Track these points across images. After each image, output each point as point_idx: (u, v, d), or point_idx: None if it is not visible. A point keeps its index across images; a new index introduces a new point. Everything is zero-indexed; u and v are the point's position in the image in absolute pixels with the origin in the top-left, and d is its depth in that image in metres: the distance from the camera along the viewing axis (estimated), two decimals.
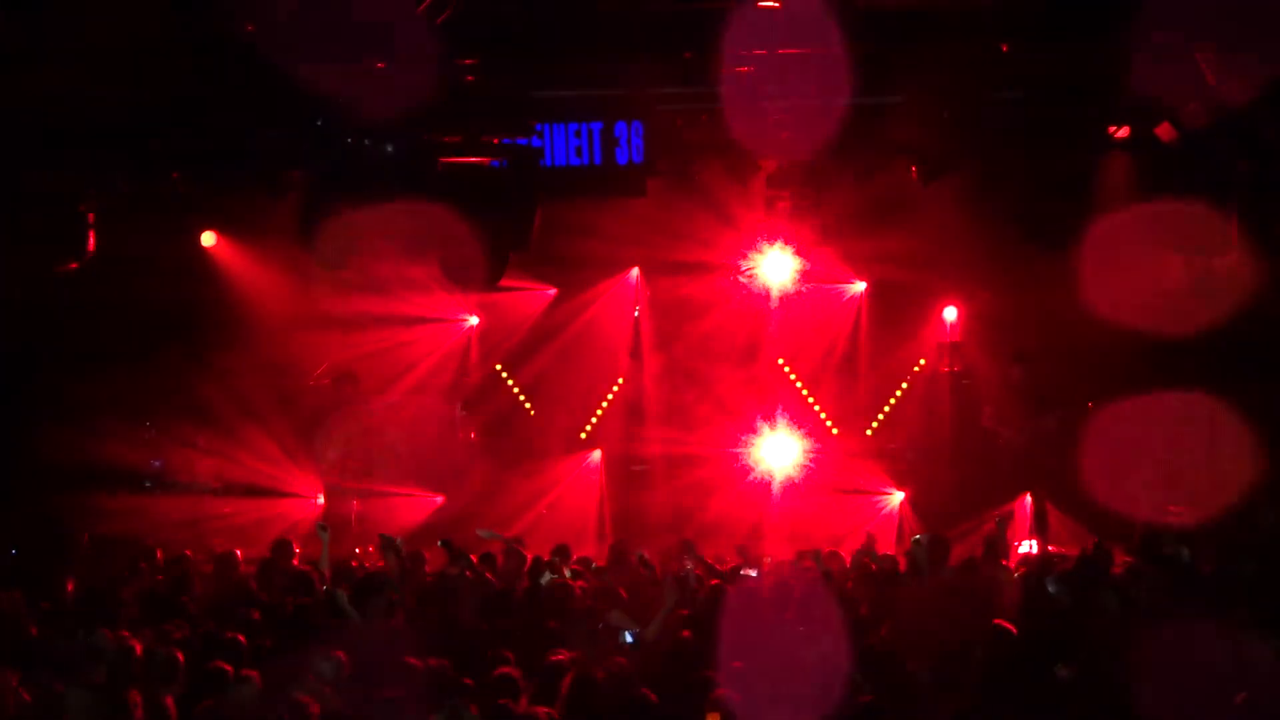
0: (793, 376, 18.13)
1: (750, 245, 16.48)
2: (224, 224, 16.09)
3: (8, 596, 10.79)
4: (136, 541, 13.80)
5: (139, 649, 9.31)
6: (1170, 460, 15.17)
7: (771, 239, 13.40)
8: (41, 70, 11.14)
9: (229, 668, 8.75)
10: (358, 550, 14.14)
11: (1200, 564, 12.22)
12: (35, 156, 11.85)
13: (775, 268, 16.40)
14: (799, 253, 15.53)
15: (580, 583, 11.32)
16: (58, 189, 12.10)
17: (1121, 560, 12.41)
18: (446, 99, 11.68)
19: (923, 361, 17.67)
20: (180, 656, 9.13)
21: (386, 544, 11.73)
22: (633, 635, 9.87)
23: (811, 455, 17.25)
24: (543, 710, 8.05)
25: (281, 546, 13.25)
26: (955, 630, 9.91)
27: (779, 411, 17.49)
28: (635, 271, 17.85)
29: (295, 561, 12.75)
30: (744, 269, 16.84)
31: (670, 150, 12.83)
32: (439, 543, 12.18)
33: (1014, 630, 9.66)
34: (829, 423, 18.08)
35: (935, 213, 14.66)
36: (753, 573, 12.55)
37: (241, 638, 9.61)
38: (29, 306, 14.33)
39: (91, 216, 12.35)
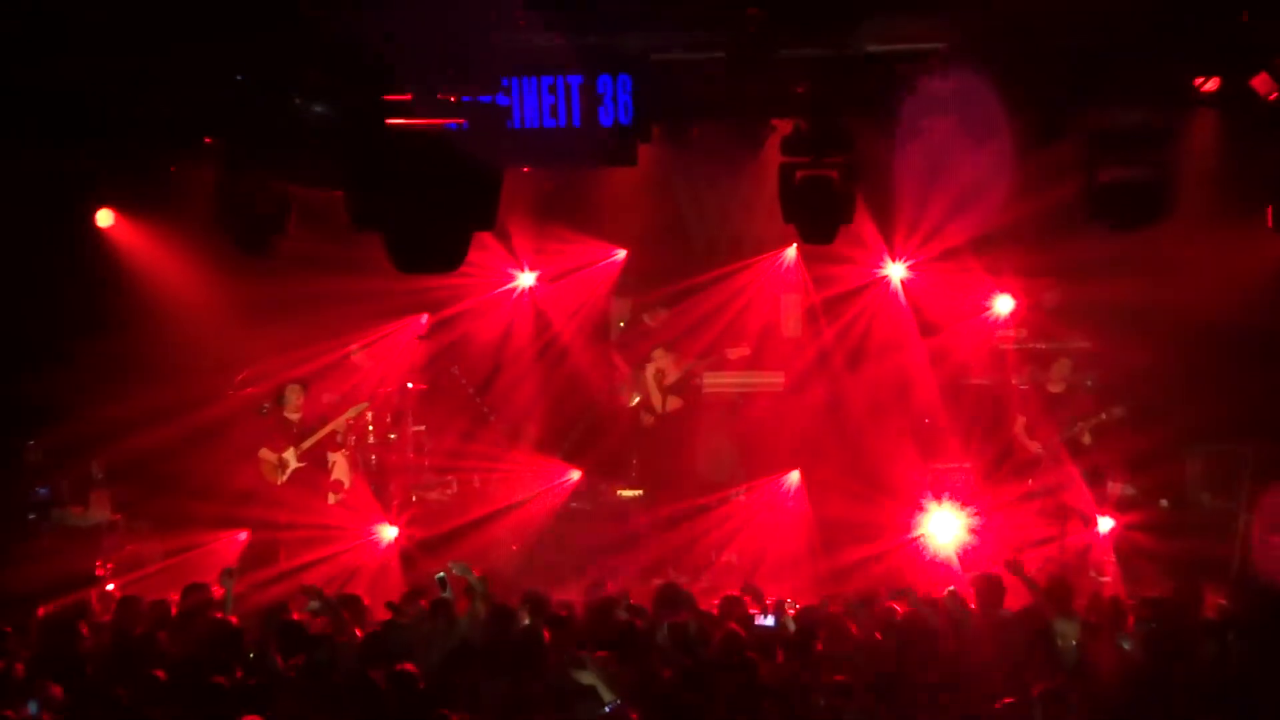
0: None
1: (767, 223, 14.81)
2: (123, 201, 14.75)
3: None
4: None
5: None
6: None
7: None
8: None
9: None
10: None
11: None
12: None
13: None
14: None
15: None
16: None
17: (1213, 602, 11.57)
18: (393, 47, 10.43)
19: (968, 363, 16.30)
20: None
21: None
22: (611, 706, 9.06)
23: None
24: None
25: (196, 591, 12.09)
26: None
27: None
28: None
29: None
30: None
31: (666, 110, 11.64)
32: (436, 578, 11.54)
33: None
34: None
35: (986, 183, 13.40)
36: (768, 620, 11.37)
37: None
38: None
39: None
